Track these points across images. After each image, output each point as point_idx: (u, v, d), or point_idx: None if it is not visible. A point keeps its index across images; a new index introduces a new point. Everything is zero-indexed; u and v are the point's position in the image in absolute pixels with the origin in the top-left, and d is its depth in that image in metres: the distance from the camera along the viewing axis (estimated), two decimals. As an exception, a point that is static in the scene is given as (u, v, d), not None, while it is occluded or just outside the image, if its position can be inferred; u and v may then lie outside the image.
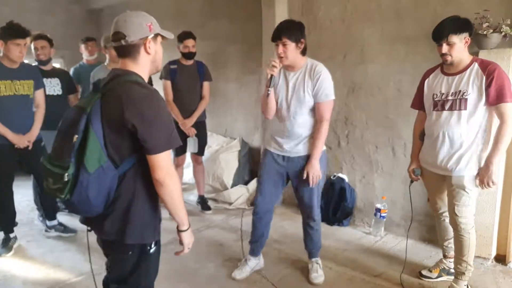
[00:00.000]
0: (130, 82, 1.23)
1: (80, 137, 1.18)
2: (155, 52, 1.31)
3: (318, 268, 2.37)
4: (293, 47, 2.04)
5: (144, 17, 1.29)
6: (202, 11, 4.21)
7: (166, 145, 1.22)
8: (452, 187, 2.03)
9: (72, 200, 1.20)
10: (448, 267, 2.31)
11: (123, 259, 1.34)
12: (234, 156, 3.83)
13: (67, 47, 5.12)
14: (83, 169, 1.17)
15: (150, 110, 1.19)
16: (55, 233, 2.92)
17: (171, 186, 1.24)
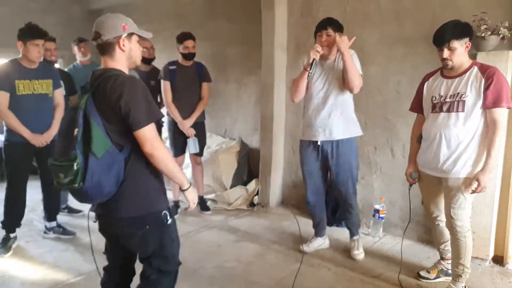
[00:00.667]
0: (111, 75, 1.40)
1: (81, 129, 1.32)
2: (130, 49, 1.47)
3: (359, 245, 2.62)
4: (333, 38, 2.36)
5: (120, 18, 1.46)
6: (202, 12, 4.22)
7: (146, 119, 1.37)
8: (449, 189, 2.04)
9: (86, 187, 1.32)
10: (446, 268, 2.32)
11: (146, 233, 1.47)
12: (233, 157, 3.83)
13: (67, 48, 5.12)
14: (92, 156, 1.31)
15: (129, 91, 1.36)
16: (54, 235, 2.92)
17: (161, 155, 1.40)
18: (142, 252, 1.54)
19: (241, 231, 3.09)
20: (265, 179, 3.60)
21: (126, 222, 1.46)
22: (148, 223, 1.46)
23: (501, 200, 2.48)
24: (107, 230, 1.55)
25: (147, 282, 1.57)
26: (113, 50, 1.44)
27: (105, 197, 1.40)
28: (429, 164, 2.11)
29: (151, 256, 1.53)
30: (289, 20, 3.41)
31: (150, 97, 1.43)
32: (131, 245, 1.53)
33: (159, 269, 1.55)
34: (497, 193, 2.46)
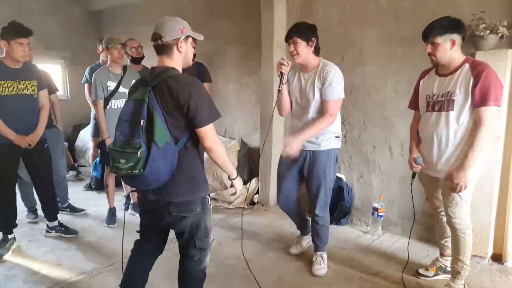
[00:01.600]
0: (176, 75, 1.54)
1: (145, 121, 1.45)
2: (186, 51, 1.61)
3: (321, 261, 2.46)
4: (303, 45, 2.19)
5: (178, 21, 1.60)
6: (201, 13, 4.24)
7: (210, 118, 1.54)
8: (444, 188, 2.05)
9: (146, 173, 1.44)
10: (445, 265, 2.33)
11: (193, 217, 1.63)
12: (234, 156, 3.85)
13: (68, 48, 5.15)
14: (154, 145, 1.44)
15: (196, 92, 1.51)
16: (56, 234, 2.93)
17: (219, 150, 1.61)
18: (187, 234, 1.67)
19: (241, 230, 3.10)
20: (265, 178, 3.62)
21: (176, 206, 1.59)
22: (198, 207, 1.62)
23: (500, 198, 2.49)
24: (156, 213, 1.66)
25: (192, 262, 1.72)
26: (171, 51, 1.57)
27: (160, 184, 1.52)
28: (427, 165, 2.12)
29: (195, 237, 1.67)
30: (288, 20, 3.42)
31: (210, 98, 1.59)
32: (181, 227, 1.65)
33: (201, 248, 1.70)
34: (496, 191, 2.47)
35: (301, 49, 2.19)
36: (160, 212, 1.64)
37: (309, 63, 2.26)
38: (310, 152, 2.33)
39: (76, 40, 5.08)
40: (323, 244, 2.49)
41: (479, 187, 2.37)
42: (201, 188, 1.65)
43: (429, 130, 2.06)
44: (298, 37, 2.18)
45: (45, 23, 4.81)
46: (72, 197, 3.63)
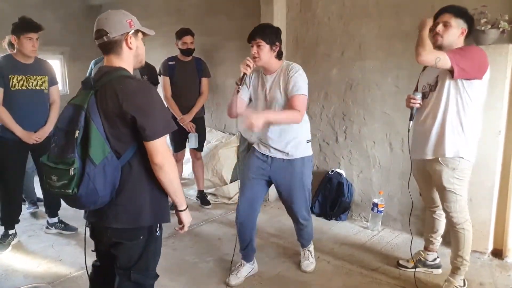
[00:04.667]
0: (122, 77, 1.31)
1: (82, 132, 1.24)
2: (137, 47, 1.38)
3: (309, 255, 2.41)
4: (267, 49, 2.06)
5: (124, 14, 1.37)
6: (201, 8, 4.21)
7: (162, 130, 1.30)
8: (437, 185, 2.06)
9: (80, 194, 1.24)
10: (425, 259, 2.36)
11: (133, 245, 1.40)
12: (233, 152, 3.85)
13: (67, 44, 5.13)
14: (89, 161, 1.22)
15: (146, 100, 1.28)
16: (56, 231, 2.93)
17: (169, 169, 1.32)
18: (123, 261, 1.44)
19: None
20: (265, 173, 3.61)
21: (116, 232, 1.38)
22: (141, 235, 1.39)
23: (500, 194, 2.49)
24: (97, 235, 1.50)
25: None
26: (120, 49, 1.34)
27: (98, 205, 1.32)
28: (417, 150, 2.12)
29: (131, 268, 1.43)
30: (288, 15, 3.40)
31: (165, 106, 1.38)
32: (117, 252, 1.45)
33: (136, 282, 1.45)
34: (496, 187, 2.46)
35: (264, 52, 2.05)
36: (100, 235, 1.45)
37: (271, 66, 2.13)
38: (281, 161, 2.16)
39: (75, 35, 5.05)
40: (308, 241, 2.43)
41: (479, 182, 2.37)
42: (145, 216, 1.37)
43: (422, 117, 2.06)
44: (262, 40, 2.03)
45: (44, 18, 4.75)
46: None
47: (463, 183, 2.00)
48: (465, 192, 2.03)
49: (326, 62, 3.19)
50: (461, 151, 1.96)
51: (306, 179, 2.22)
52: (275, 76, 2.14)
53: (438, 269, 2.35)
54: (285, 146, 2.14)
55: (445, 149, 1.96)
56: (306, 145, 2.20)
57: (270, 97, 2.14)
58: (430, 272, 2.34)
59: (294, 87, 2.05)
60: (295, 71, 2.08)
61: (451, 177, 1.98)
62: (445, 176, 1.98)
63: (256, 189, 2.24)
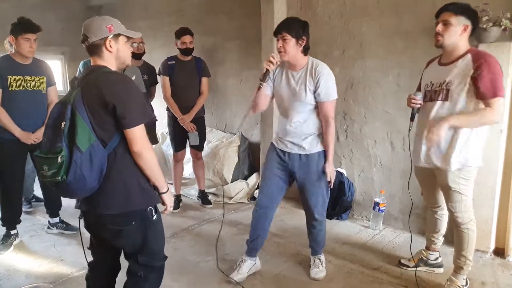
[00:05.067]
0: (105, 72, 1.43)
1: (68, 123, 1.34)
2: (117, 50, 1.49)
3: (319, 264, 2.37)
4: (293, 43, 2.02)
5: (105, 20, 1.48)
6: (200, 7, 4.21)
7: (139, 119, 1.40)
8: (440, 182, 2.03)
9: (68, 180, 1.32)
10: (427, 258, 2.35)
11: (130, 231, 1.48)
12: (234, 151, 3.84)
13: (67, 44, 5.13)
14: (76, 149, 1.32)
15: (124, 90, 1.40)
16: (57, 231, 2.93)
17: (148, 156, 1.43)
18: (127, 248, 1.54)
19: (242, 225, 3.11)
20: (266, 173, 3.60)
21: (109, 219, 1.45)
22: (133, 220, 1.46)
23: (502, 193, 2.48)
24: (92, 226, 1.55)
25: (135, 279, 1.57)
26: (101, 51, 1.46)
27: (88, 192, 1.40)
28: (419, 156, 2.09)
29: (137, 253, 1.53)
30: (288, 14, 3.38)
31: (143, 97, 1.47)
32: (116, 241, 1.53)
33: (145, 265, 1.55)
34: (498, 186, 2.46)
35: (290, 47, 2.01)
36: (95, 225, 1.52)
37: (297, 62, 2.10)
38: (299, 156, 2.18)
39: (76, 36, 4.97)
40: (320, 248, 2.39)
41: (481, 181, 2.36)
42: (135, 200, 1.45)
43: (422, 120, 2.03)
44: (288, 34, 2.00)
45: (45, 18, 4.77)
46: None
47: (469, 183, 1.98)
48: (471, 192, 2.01)
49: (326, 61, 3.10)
50: (471, 161, 1.93)
51: (323, 173, 2.19)
52: (301, 73, 2.10)
53: (440, 268, 2.35)
54: (303, 141, 2.16)
55: (456, 162, 1.92)
56: (321, 140, 2.18)
57: (295, 94, 2.11)
58: (432, 271, 2.34)
59: (326, 95, 2.07)
60: (324, 75, 2.05)
61: (457, 177, 1.95)
62: (451, 177, 1.96)
63: (274, 187, 2.26)
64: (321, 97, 2.08)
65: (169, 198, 1.57)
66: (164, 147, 4.23)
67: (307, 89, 2.08)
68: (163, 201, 1.55)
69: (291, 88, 2.13)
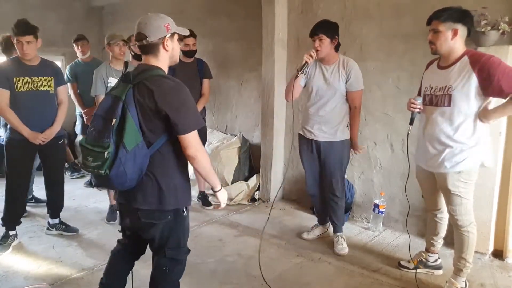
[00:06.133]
0: (158, 76, 1.46)
1: (118, 121, 1.39)
2: (172, 48, 1.53)
3: (342, 241, 2.65)
4: (328, 42, 2.40)
5: (162, 19, 1.49)
6: (202, 9, 4.22)
7: (193, 126, 1.46)
8: (440, 185, 2.05)
9: (111, 175, 1.39)
10: (426, 260, 2.36)
11: (163, 224, 1.55)
12: (235, 153, 3.85)
13: (69, 45, 5.13)
14: (122, 147, 1.37)
15: (178, 99, 1.44)
16: (56, 232, 2.92)
17: (202, 159, 1.50)
18: (157, 242, 1.60)
19: (242, 226, 3.11)
20: (266, 174, 3.62)
21: (144, 213, 1.52)
22: (168, 215, 1.53)
23: (501, 194, 2.49)
24: (127, 217, 1.63)
25: (162, 271, 1.63)
26: (158, 51, 1.49)
27: (126, 187, 1.47)
28: (421, 159, 2.11)
29: (165, 246, 1.59)
30: (289, 16, 3.41)
31: (194, 104, 1.52)
32: (148, 233, 1.59)
33: (172, 258, 1.62)
34: (496, 188, 2.47)
35: (325, 45, 2.40)
36: (130, 216, 1.59)
37: (330, 58, 2.48)
38: (325, 143, 2.54)
39: (77, 36, 5.08)
40: (341, 224, 2.69)
41: (480, 183, 2.36)
42: (170, 199, 1.52)
43: (424, 124, 2.05)
44: (324, 34, 2.37)
45: (46, 19, 4.80)
46: (73, 194, 3.64)
47: (469, 186, 1.99)
48: (471, 195, 2.01)
49: None
50: (473, 163, 1.95)
51: (344, 159, 2.60)
52: (334, 66, 2.49)
53: (439, 270, 2.35)
54: (331, 128, 2.52)
55: (458, 166, 1.94)
56: (346, 129, 2.56)
57: (330, 84, 2.48)
58: (431, 273, 2.34)
59: (355, 83, 2.48)
60: (355, 67, 2.47)
61: (457, 181, 1.96)
62: (451, 180, 1.97)
63: (313, 168, 2.67)
64: (352, 87, 2.47)
65: (222, 195, 1.64)
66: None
67: (341, 79, 2.46)
68: (217, 197, 1.64)
69: (325, 79, 2.49)
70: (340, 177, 2.60)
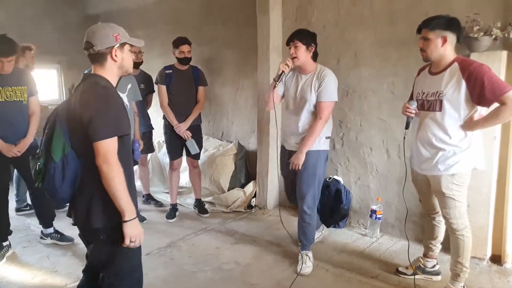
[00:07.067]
0: (91, 82, 1.41)
1: (49, 131, 1.38)
2: (122, 58, 1.46)
3: (307, 259, 2.47)
4: (303, 49, 2.35)
5: (112, 28, 1.44)
6: (198, 17, 4.25)
7: (105, 133, 1.33)
8: (434, 189, 2.06)
9: (44, 187, 1.37)
10: (424, 266, 2.35)
11: (100, 243, 1.44)
12: (231, 159, 3.84)
13: (64, 53, 5.14)
14: (50, 158, 1.35)
15: (96, 102, 1.35)
16: (51, 241, 2.88)
17: (108, 174, 1.33)
18: (94, 262, 1.50)
19: (239, 233, 3.09)
20: (263, 181, 3.61)
21: (81, 229, 1.48)
22: (102, 235, 1.40)
23: (497, 199, 2.49)
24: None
25: None
26: (105, 60, 1.43)
27: (60, 201, 1.43)
28: (415, 163, 2.13)
29: (104, 269, 1.48)
30: (284, 24, 3.43)
31: (120, 111, 1.39)
32: (88, 251, 1.52)
33: (111, 284, 1.48)
34: (493, 192, 2.47)
35: (301, 52, 2.34)
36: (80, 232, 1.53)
37: (307, 67, 2.41)
38: None
39: (72, 45, 5.01)
40: (309, 243, 2.53)
41: (476, 188, 2.38)
42: (105, 215, 1.37)
43: (417, 129, 2.08)
44: (299, 41, 2.32)
45: (41, 28, 4.80)
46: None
47: (462, 189, 2.01)
48: (465, 198, 2.03)
49: None
50: (465, 166, 1.97)
51: (318, 171, 2.44)
52: (309, 76, 2.41)
53: (437, 275, 2.34)
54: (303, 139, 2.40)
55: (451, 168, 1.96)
56: (324, 140, 2.45)
57: (301, 95, 2.41)
58: (429, 279, 2.33)
59: (324, 94, 2.34)
60: (328, 77, 2.35)
61: (451, 183, 1.98)
62: (445, 182, 1.98)
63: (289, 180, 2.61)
64: (320, 97, 2.35)
65: (130, 228, 1.36)
66: (160, 155, 4.22)
67: (312, 90, 2.37)
68: (123, 229, 1.35)
69: (299, 89, 2.43)
70: (312, 192, 2.42)
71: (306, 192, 2.42)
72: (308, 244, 2.52)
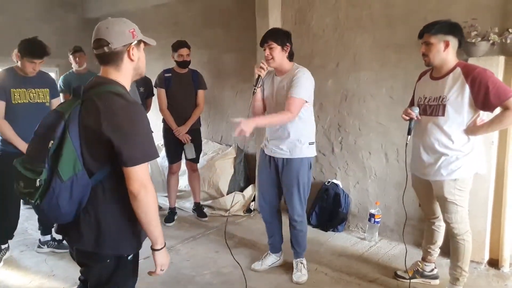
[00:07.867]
0: (110, 93, 1.20)
1: (56, 143, 1.15)
2: (138, 58, 1.30)
3: (302, 267, 2.43)
4: (278, 50, 2.22)
5: (126, 23, 1.27)
6: (197, 21, 4.26)
7: (142, 158, 1.18)
8: (436, 193, 2.06)
9: (42, 206, 1.17)
10: (422, 270, 2.35)
11: (101, 267, 1.29)
12: (230, 163, 3.84)
13: (63, 56, 5.13)
14: (56, 176, 1.14)
15: (127, 123, 1.17)
16: (48, 249, 2.84)
17: (145, 200, 1.19)
18: (92, 284, 1.35)
19: (238, 237, 3.09)
20: (262, 185, 3.60)
21: (79, 253, 1.31)
22: (104, 261, 1.28)
23: (495, 204, 2.50)
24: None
25: None
26: (121, 61, 1.25)
27: (61, 222, 1.26)
28: (417, 168, 2.14)
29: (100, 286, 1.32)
30: (283, 28, 3.44)
31: (150, 130, 1.24)
32: (85, 274, 1.38)
33: None
34: (490, 197, 2.48)
35: (276, 53, 2.22)
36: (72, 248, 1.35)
37: (283, 68, 2.29)
38: (282, 160, 2.32)
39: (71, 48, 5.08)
40: (302, 250, 2.47)
41: (474, 192, 2.37)
42: (109, 243, 1.24)
43: (419, 134, 2.07)
44: (274, 42, 2.20)
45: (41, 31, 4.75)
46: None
47: (464, 194, 2.01)
48: (466, 203, 2.04)
49: (321, 73, 3.22)
50: (468, 171, 1.98)
51: (302, 178, 2.31)
52: (285, 77, 2.28)
53: (435, 279, 2.35)
54: (286, 146, 2.29)
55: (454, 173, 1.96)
56: (307, 146, 2.30)
57: (277, 97, 2.29)
58: (427, 283, 2.34)
59: (294, 89, 2.17)
60: (300, 74, 2.21)
61: (453, 188, 1.98)
62: (447, 187, 1.98)
63: (270, 191, 2.45)
64: (289, 91, 2.18)
65: (162, 257, 1.28)
66: (159, 159, 4.21)
67: (285, 89, 2.23)
68: (154, 259, 1.27)
69: (274, 91, 2.32)
70: (297, 199, 2.33)
71: (293, 200, 2.33)
72: (301, 251, 2.47)
